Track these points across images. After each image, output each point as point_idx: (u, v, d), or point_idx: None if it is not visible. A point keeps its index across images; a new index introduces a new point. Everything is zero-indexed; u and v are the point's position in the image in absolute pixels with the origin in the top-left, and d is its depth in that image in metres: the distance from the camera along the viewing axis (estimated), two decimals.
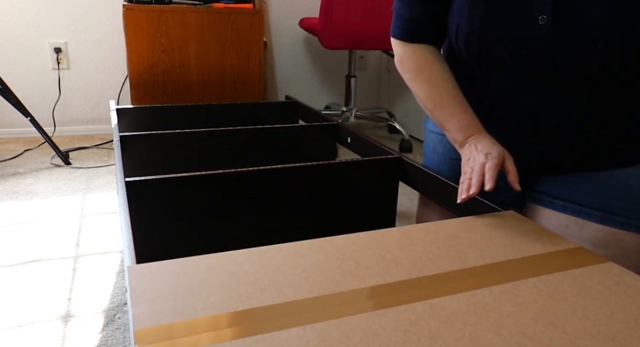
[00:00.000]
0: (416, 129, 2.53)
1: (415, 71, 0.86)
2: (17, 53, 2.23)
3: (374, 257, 0.60)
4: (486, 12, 0.75)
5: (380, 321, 0.48)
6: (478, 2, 0.75)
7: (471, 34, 0.78)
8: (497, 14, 0.74)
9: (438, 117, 0.85)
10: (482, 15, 0.75)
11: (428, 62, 0.85)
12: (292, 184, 0.94)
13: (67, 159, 1.98)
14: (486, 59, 0.79)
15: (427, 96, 0.85)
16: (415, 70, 0.86)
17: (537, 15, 0.71)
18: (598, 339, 0.46)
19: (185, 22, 1.91)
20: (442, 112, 0.83)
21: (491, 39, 0.76)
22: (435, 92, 0.84)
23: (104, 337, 0.98)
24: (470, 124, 0.81)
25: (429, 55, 0.86)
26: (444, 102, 0.83)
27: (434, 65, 0.85)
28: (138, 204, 0.85)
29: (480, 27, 0.76)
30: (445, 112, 0.83)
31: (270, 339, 0.44)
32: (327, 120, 1.35)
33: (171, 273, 0.54)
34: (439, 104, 0.84)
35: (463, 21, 0.78)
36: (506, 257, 0.61)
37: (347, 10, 2.06)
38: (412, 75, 0.87)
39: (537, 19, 0.72)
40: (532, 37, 0.73)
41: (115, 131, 1.16)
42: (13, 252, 1.28)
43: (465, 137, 0.81)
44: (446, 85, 0.84)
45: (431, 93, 0.84)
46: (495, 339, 0.46)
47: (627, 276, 0.58)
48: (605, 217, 0.78)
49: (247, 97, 2.08)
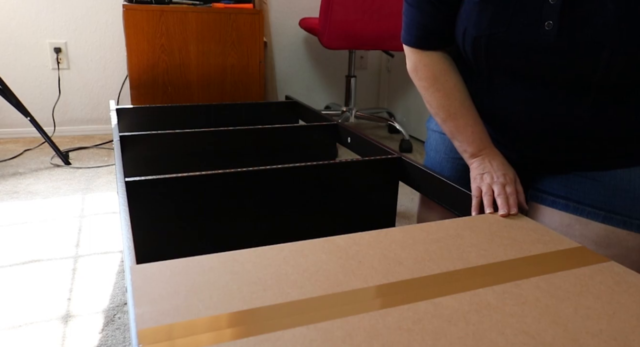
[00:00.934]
0: (416, 129, 2.53)
1: (430, 80, 0.87)
2: (17, 53, 2.23)
3: (377, 256, 0.60)
4: (493, 16, 0.75)
5: (383, 320, 0.48)
6: (486, 7, 0.76)
7: (478, 38, 0.78)
8: (505, 19, 0.74)
9: (450, 126, 0.86)
10: (489, 19, 0.76)
11: (443, 72, 0.86)
12: (292, 184, 0.94)
13: (67, 159, 1.97)
14: (492, 62, 0.80)
15: (441, 106, 0.86)
16: (431, 79, 0.87)
17: (543, 21, 0.72)
18: (600, 338, 0.46)
19: (185, 22, 1.90)
20: (455, 123, 0.85)
21: (498, 43, 0.76)
22: (449, 102, 0.85)
23: (104, 337, 0.98)
24: (483, 138, 0.83)
25: (445, 64, 0.87)
26: (458, 113, 0.84)
27: (449, 75, 0.86)
28: (138, 204, 0.84)
29: (487, 31, 0.76)
30: (459, 122, 0.84)
31: (273, 338, 0.44)
32: (327, 120, 1.35)
33: (173, 273, 0.54)
34: (452, 114, 0.85)
35: (470, 25, 0.78)
36: (508, 256, 0.61)
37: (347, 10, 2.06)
38: (426, 84, 0.88)
39: (543, 24, 0.72)
40: (538, 43, 0.73)
41: (115, 131, 1.15)
42: (13, 252, 1.28)
43: (478, 150, 0.83)
44: (461, 97, 0.85)
45: (445, 103, 0.85)
46: (498, 338, 0.46)
47: (629, 275, 0.58)
48: (607, 217, 0.78)
49: (247, 97, 2.07)
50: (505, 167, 0.81)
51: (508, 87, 0.81)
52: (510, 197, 0.75)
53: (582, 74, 0.72)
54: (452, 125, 0.85)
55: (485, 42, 0.78)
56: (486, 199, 0.76)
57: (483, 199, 0.77)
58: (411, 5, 0.86)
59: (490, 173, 0.79)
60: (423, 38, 0.87)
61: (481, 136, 0.83)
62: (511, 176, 0.79)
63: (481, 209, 0.77)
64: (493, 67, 0.80)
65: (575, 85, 0.74)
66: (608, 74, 0.70)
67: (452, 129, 0.85)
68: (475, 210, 0.77)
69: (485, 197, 0.76)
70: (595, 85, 0.73)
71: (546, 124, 0.79)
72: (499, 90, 0.83)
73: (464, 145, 0.84)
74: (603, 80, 0.72)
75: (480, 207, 0.77)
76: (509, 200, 0.75)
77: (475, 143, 0.83)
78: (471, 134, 0.83)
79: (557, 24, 0.71)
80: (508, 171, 0.80)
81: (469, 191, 0.80)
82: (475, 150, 0.83)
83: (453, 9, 0.83)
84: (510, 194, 0.76)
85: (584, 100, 0.75)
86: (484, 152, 0.83)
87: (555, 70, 0.74)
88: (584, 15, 0.69)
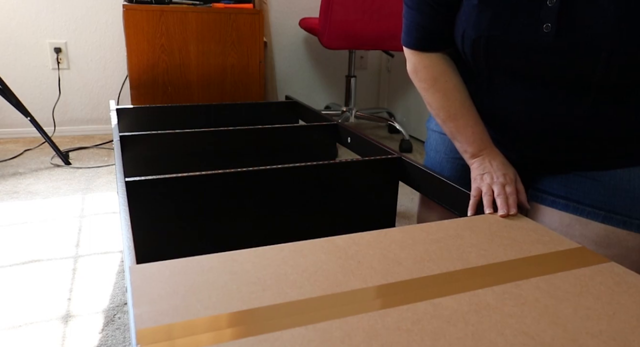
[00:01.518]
0: (416, 129, 2.53)
1: (430, 81, 0.87)
2: (17, 53, 2.23)
3: (376, 257, 0.60)
4: (492, 18, 0.75)
5: (382, 320, 0.48)
6: (485, 9, 0.76)
7: (477, 40, 0.78)
8: (503, 21, 0.74)
9: (450, 127, 0.86)
10: (488, 21, 0.76)
11: (443, 73, 0.86)
12: (292, 184, 0.94)
13: (67, 159, 1.97)
14: (491, 64, 0.80)
15: (441, 106, 0.86)
16: (431, 80, 0.87)
17: (542, 23, 0.72)
18: (600, 339, 0.46)
19: (185, 22, 1.90)
20: (455, 123, 0.85)
21: (497, 45, 0.76)
22: (449, 103, 0.85)
23: (104, 337, 0.98)
24: (483, 138, 0.84)
25: (444, 65, 0.87)
26: (458, 114, 0.84)
27: (449, 76, 0.86)
28: (138, 204, 0.84)
29: (486, 33, 0.76)
30: (459, 123, 0.84)
31: (272, 339, 0.44)
32: (327, 120, 1.35)
33: (172, 273, 0.54)
34: (452, 115, 0.85)
35: (470, 27, 0.78)
36: (508, 257, 0.61)
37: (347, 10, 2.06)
38: (426, 85, 0.88)
39: (542, 27, 0.72)
40: (537, 44, 0.73)
41: (115, 131, 1.15)
42: (13, 252, 1.28)
43: (479, 150, 0.83)
44: (461, 97, 0.85)
45: (445, 104, 0.85)
46: (498, 339, 0.46)
47: (629, 275, 0.57)
48: (607, 217, 0.78)
49: (247, 97, 2.07)
50: (505, 167, 0.81)
51: (508, 87, 0.81)
52: (509, 197, 0.75)
53: (582, 74, 0.72)
54: (452, 126, 0.85)
55: (484, 44, 0.78)
56: (486, 199, 0.76)
57: (483, 200, 0.77)
58: (410, 7, 0.86)
59: (491, 173, 0.79)
60: (423, 40, 0.87)
61: (481, 136, 0.83)
62: (511, 175, 0.79)
63: (480, 210, 0.77)
64: (493, 67, 0.80)
65: (575, 85, 0.74)
66: (608, 74, 0.70)
67: (453, 129, 0.85)
68: (472, 209, 0.77)
69: (485, 197, 0.76)
70: (595, 85, 0.73)
71: (546, 124, 0.79)
72: (499, 91, 0.83)
73: (465, 146, 0.84)
74: (603, 80, 0.71)
75: (478, 207, 0.77)
76: (508, 200, 0.75)
77: (476, 143, 0.83)
78: (471, 134, 0.83)
79: (556, 26, 0.71)
80: (508, 171, 0.80)
81: (469, 191, 0.80)
82: (475, 151, 0.83)
83: (452, 11, 0.83)
84: (510, 194, 0.76)
85: (584, 100, 0.75)
86: (484, 152, 0.83)
87: (555, 70, 0.74)
88: (582, 16, 0.69)
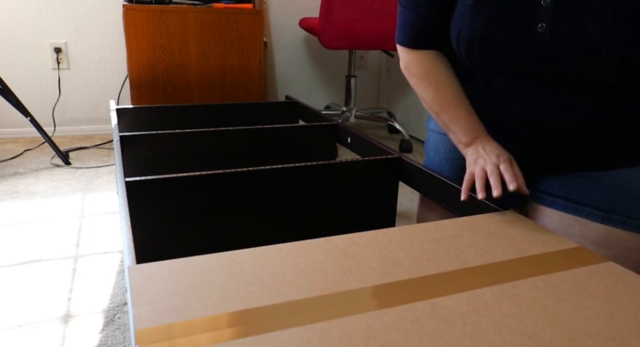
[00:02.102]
0: (416, 129, 2.53)
1: (421, 75, 0.87)
2: (17, 53, 2.23)
3: (375, 256, 0.60)
4: (487, 19, 0.75)
5: (381, 320, 0.48)
6: (479, 9, 0.76)
7: (472, 40, 0.78)
8: (498, 21, 0.74)
9: (444, 119, 0.86)
10: (483, 21, 0.76)
11: (434, 67, 0.87)
12: (292, 184, 0.94)
13: (67, 159, 1.97)
14: (487, 64, 0.80)
15: (433, 99, 0.87)
16: (422, 74, 0.87)
17: (536, 23, 0.72)
18: (598, 338, 0.46)
19: (185, 22, 1.91)
20: (448, 115, 0.85)
21: (492, 46, 0.76)
22: (441, 95, 0.85)
23: (104, 337, 0.98)
24: (476, 127, 0.84)
25: (436, 60, 0.87)
26: (450, 105, 0.85)
27: (440, 69, 0.86)
28: (138, 204, 0.85)
29: (481, 33, 0.76)
30: (452, 114, 0.85)
31: (271, 339, 0.44)
32: (327, 120, 1.35)
33: (171, 273, 0.54)
34: (445, 106, 0.85)
35: (464, 28, 0.78)
36: (506, 256, 0.61)
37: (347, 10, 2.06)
38: (418, 80, 0.88)
39: (536, 27, 0.72)
40: (532, 45, 0.73)
41: (115, 131, 1.16)
42: (13, 252, 1.28)
43: (472, 139, 0.83)
44: (452, 90, 0.85)
45: (437, 96, 0.86)
46: (496, 339, 0.46)
47: (627, 275, 0.58)
48: (607, 217, 0.78)
49: (247, 97, 2.08)
50: (499, 149, 0.80)
51: (507, 87, 0.81)
52: (505, 173, 0.73)
53: (581, 74, 0.72)
54: (445, 118, 0.86)
55: (479, 44, 0.78)
56: (478, 183, 0.75)
57: (475, 184, 0.76)
58: (404, 7, 0.86)
59: (484, 157, 0.79)
60: (415, 38, 0.87)
61: (474, 126, 0.83)
62: (505, 156, 0.78)
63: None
64: (490, 67, 0.80)
65: (575, 85, 0.74)
66: (606, 75, 0.70)
67: (446, 121, 0.86)
68: (465, 193, 0.77)
69: (478, 181, 0.75)
70: (595, 86, 0.73)
71: (546, 124, 0.79)
72: (498, 91, 0.83)
73: (458, 136, 0.85)
74: (602, 81, 0.71)
75: (472, 191, 0.77)
76: (504, 177, 0.73)
77: (469, 132, 0.83)
78: (464, 124, 0.84)
79: (550, 26, 0.71)
80: (502, 153, 0.79)
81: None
82: (469, 140, 0.83)
83: (446, 11, 0.83)
84: (505, 171, 0.74)
85: (584, 100, 0.75)
86: (477, 140, 0.83)
87: (553, 70, 0.74)
88: (578, 16, 0.69)
